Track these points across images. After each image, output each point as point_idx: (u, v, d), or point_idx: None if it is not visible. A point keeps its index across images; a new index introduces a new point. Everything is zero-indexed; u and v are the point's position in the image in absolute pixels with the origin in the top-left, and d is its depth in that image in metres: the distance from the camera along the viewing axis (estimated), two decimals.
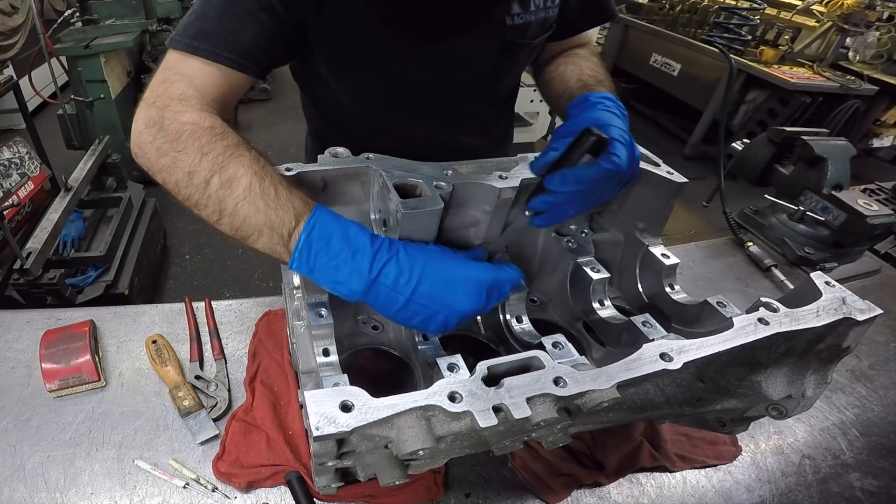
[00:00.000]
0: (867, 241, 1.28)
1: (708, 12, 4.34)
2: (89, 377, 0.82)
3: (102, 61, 2.85)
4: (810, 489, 0.81)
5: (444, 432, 0.49)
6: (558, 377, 0.51)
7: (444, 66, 0.86)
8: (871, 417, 0.93)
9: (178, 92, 0.67)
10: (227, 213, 0.60)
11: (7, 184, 2.00)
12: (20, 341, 0.90)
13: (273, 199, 0.60)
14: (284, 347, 0.89)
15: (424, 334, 0.72)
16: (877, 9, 3.86)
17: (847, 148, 1.25)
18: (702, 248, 1.32)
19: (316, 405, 0.47)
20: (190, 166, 0.61)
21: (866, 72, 3.89)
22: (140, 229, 2.47)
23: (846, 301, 0.59)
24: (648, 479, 0.80)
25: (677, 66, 4.51)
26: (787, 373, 0.63)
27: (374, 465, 0.57)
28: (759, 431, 0.88)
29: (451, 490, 0.75)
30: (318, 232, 0.58)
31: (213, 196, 0.60)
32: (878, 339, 1.09)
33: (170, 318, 0.97)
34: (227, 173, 0.60)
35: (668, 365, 0.53)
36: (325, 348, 0.64)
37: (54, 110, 3.09)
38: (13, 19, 3.16)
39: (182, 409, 0.79)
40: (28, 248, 1.83)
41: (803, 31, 4.13)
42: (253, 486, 0.72)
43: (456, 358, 0.55)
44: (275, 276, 2.69)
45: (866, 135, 4.21)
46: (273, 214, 0.59)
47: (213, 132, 0.63)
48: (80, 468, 0.73)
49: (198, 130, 0.63)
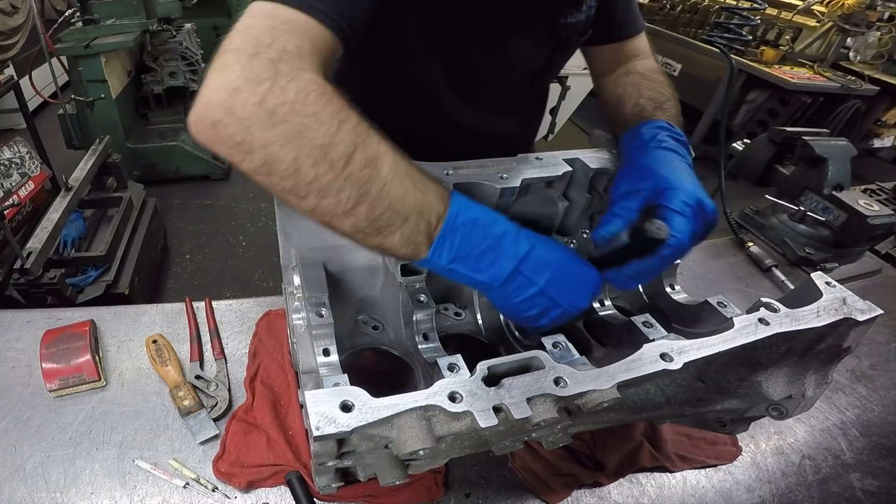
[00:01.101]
0: (868, 242, 1.28)
1: (708, 12, 4.34)
2: (90, 377, 0.82)
3: (103, 61, 2.85)
4: (810, 489, 0.80)
5: (445, 432, 0.49)
6: (558, 377, 0.51)
7: (506, 59, 0.88)
8: (872, 418, 0.93)
9: (295, 44, 0.52)
10: (370, 198, 0.50)
11: (7, 183, 2.00)
12: (20, 341, 0.90)
13: (419, 179, 0.53)
14: (285, 347, 0.89)
15: (425, 334, 0.72)
16: (877, 9, 3.85)
17: (848, 148, 1.25)
18: (702, 248, 1.32)
19: (316, 405, 0.47)
20: (326, 137, 0.48)
21: (867, 72, 3.89)
22: (140, 229, 2.47)
23: (847, 301, 0.59)
24: (649, 479, 0.79)
25: (678, 66, 4.51)
26: (788, 373, 0.63)
27: (375, 465, 0.57)
28: (759, 431, 0.88)
29: (451, 490, 0.75)
30: (464, 217, 0.54)
31: (353, 177, 0.49)
32: (879, 339, 1.09)
33: (170, 318, 0.97)
34: (370, 149, 0.50)
35: (669, 365, 0.53)
36: (326, 348, 0.64)
37: (55, 110, 3.10)
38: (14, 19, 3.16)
39: (182, 408, 0.79)
40: (28, 248, 1.83)
41: (804, 31, 4.13)
42: (253, 485, 0.72)
43: (456, 358, 0.55)
44: (275, 276, 2.69)
45: (867, 135, 4.20)
46: (421, 197, 0.52)
47: (341, 99, 0.51)
48: (81, 468, 0.73)
49: (326, 93, 0.50)
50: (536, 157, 0.75)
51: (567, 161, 0.76)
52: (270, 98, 0.47)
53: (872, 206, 1.19)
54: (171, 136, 3.33)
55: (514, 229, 0.58)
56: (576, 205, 0.80)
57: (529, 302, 0.59)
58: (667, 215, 0.62)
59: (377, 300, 0.80)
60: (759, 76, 3.79)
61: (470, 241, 0.55)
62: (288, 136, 0.47)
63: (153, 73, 3.35)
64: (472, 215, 0.55)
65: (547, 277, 0.58)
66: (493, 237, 0.56)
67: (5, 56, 3.09)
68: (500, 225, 0.57)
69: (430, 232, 0.54)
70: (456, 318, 0.85)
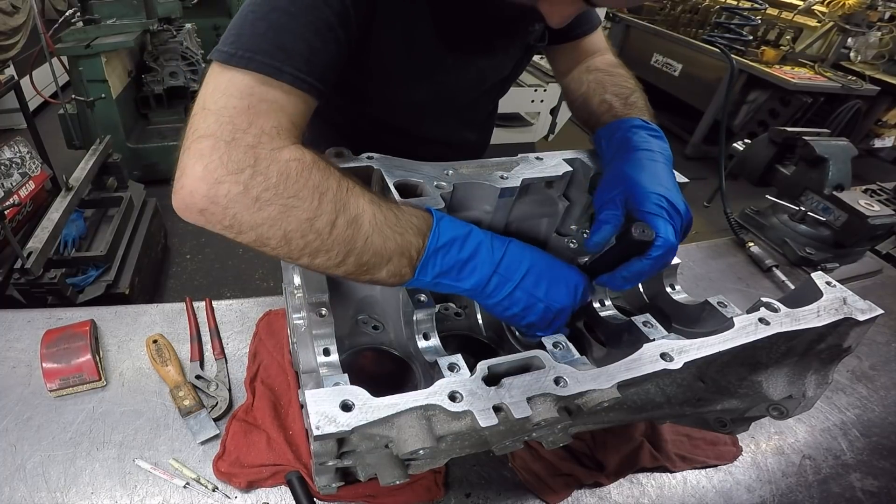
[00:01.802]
0: (868, 242, 1.28)
1: (709, 12, 4.34)
2: (90, 377, 0.82)
3: (103, 61, 2.85)
4: (811, 489, 0.80)
5: (445, 432, 0.49)
6: (559, 377, 0.51)
7: (482, 74, 0.89)
8: (872, 418, 0.93)
9: (272, 124, 0.53)
10: (356, 252, 0.55)
11: (8, 183, 2.01)
12: (21, 341, 0.90)
13: (395, 224, 0.57)
14: (285, 347, 0.89)
15: (425, 334, 0.72)
16: (878, 9, 3.85)
17: (848, 148, 1.25)
18: (703, 248, 1.32)
19: (316, 404, 0.47)
20: (309, 211, 0.52)
21: (868, 72, 3.88)
22: (141, 229, 2.47)
23: (847, 301, 0.59)
24: (649, 479, 0.79)
25: (678, 66, 4.51)
26: (788, 373, 0.63)
27: (375, 464, 0.57)
28: (759, 432, 0.88)
29: (451, 490, 0.75)
30: (442, 241, 0.59)
31: (339, 238, 0.54)
32: (879, 339, 1.09)
33: (170, 318, 0.97)
34: (350, 211, 0.54)
35: (669, 365, 0.53)
36: (326, 348, 0.64)
37: (55, 110, 3.10)
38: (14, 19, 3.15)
39: (182, 408, 0.79)
40: (29, 248, 1.83)
41: (805, 31, 4.12)
42: (253, 485, 0.72)
43: (456, 358, 0.55)
44: (275, 276, 2.69)
45: (867, 135, 4.20)
46: (401, 239, 0.57)
47: (319, 167, 0.54)
48: (81, 468, 0.73)
49: (305, 168, 0.53)
50: (537, 157, 0.75)
51: (567, 161, 0.76)
52: (253, 186, 0.50)
53: (873, 207, 1.19)
54: (171, 136, 3.33)
55: (488, 238, 0.62)
56: (576, 205, 0.80)
57: (509, 299, 0.63)
58: (646, 219, 0.64)
59: (377, 300, 0.80)
60: (760, 76, 3.79)
61: (448, 259, 0.59)
62: (275, 217, 0.51)
63: (154, 73, 3.35)
64: (448, 237, 0.59)
65: (521, 274, 0.62)
66: (470, 250, 0.60)
67: (6, 56, 3.09)
68: (474, 238, 0.61)
69: (412, 263, 0.59)
70: (456, 318, 0.85)
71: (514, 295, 0.62)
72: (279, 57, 0.55)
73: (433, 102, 0.92)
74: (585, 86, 0.89)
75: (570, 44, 0.96)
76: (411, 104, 0.91)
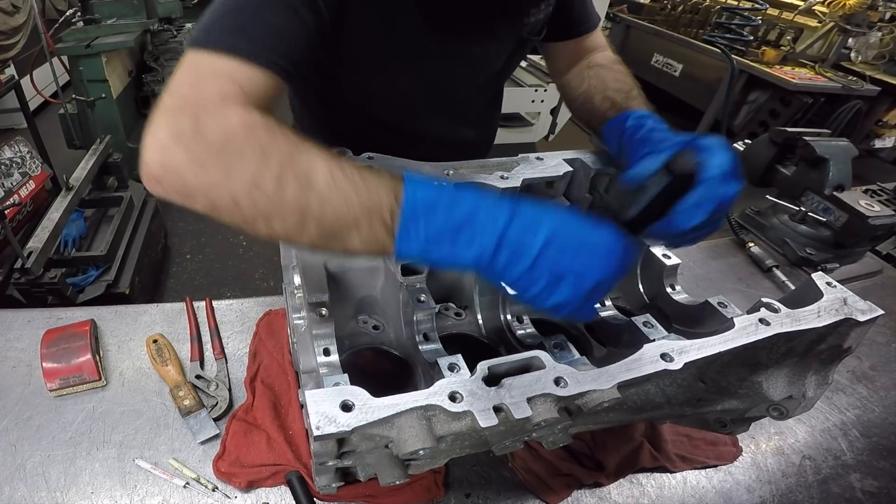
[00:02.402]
0: (869, 242, 1.28)
1: (709, 13, 4.34)
2: (90, 376, 0.82)
3: (104, 61, 2.85)
4: (811, 490, 0.80)
5: (445, 432, 0.49)
6: (559, 377, 0.51)
7: (473, 65, 0.88)
8: (872, 418, 0.93)
9: (216, 90, 0.53)
10: (314, 216, 0.50)
11: (8, 183, 2.01)
12: (21, 340, 0.90)
13: (361, 181, 0.50)
14: (285, 347, 0.89)
15: (426, 334, 0.72)
16: (879, 9, 3.85)
17: (849, 148, 1.25)
18: (703, 248, 1.32)
19: (316, 404, 0.47)
20: (253, 171, 0.49)
21: (868, 72, 3.88)
22: (141, 229, 2.47)
23: (847, 302, 0.59)
24: (649, 479, 0.79)
25: (679, 66, 4.51)
26: (788, 373, 0.63)
27: (375, 464, 0.57)
28: (759, 432, 0.88)
29: (451, 490, 0.75)
30: (422, 198, 0.50)
31: (289, 199, 0.49)
32: (880, 339, 1.09)
33: (170, 318, 0.97)
34: (300, 166, 0.50)
35: (669, 365, 0.53)
36: (326, 348, 0.64)
37: (55, 110, 3.09)
38: (14, 19, 3.15)
39: (183, 408, 0.79)
40: (29, 248, 1.83)
41: (805, 31, 4.12)
42: (253, 485, 0.72)
43: (456, 358, 0.55)
44: (275, 276, 2.69)
45: (868, 135, 4.20)
46: (367, 198, 0.50)
47: (268, 127, 0.51)
48: (81, 467, 0.73)
49: (254, 129, 0.51)
50: (537, 157, 0.76)
51: (567, 161, 0.76)
52: (197, 148, 0.49)
53: (873, 207, 1.19)
54: None
55: (489, 199, 0.52)
56: (576, 205, 0.80)
57: (528, 277, 0.51)
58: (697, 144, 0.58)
59: (377, 300, 0.80)
60: (761, 76, 3.79)
61: (434, 222, 0.50)
62: (218, 177, 0.49)
63: (154, 73, 3.35)
64: (430, 197, 0.50)
65: (542, 241, 0.50)
66: (463, 212, 0.50)
67: (6, 56, 3.09)
68: (467, 198, 0.51)
69: (388, 228, 0.51)
70: (456, 318, 0.85)
71: (534, 270, 0.50)
72: (235, 34, 0.57)
73: (422, 95, 0.91)
74: (586, 83, 0.89)
75: (571, 41, 0.96)
76: (399, 94, 0.90)
